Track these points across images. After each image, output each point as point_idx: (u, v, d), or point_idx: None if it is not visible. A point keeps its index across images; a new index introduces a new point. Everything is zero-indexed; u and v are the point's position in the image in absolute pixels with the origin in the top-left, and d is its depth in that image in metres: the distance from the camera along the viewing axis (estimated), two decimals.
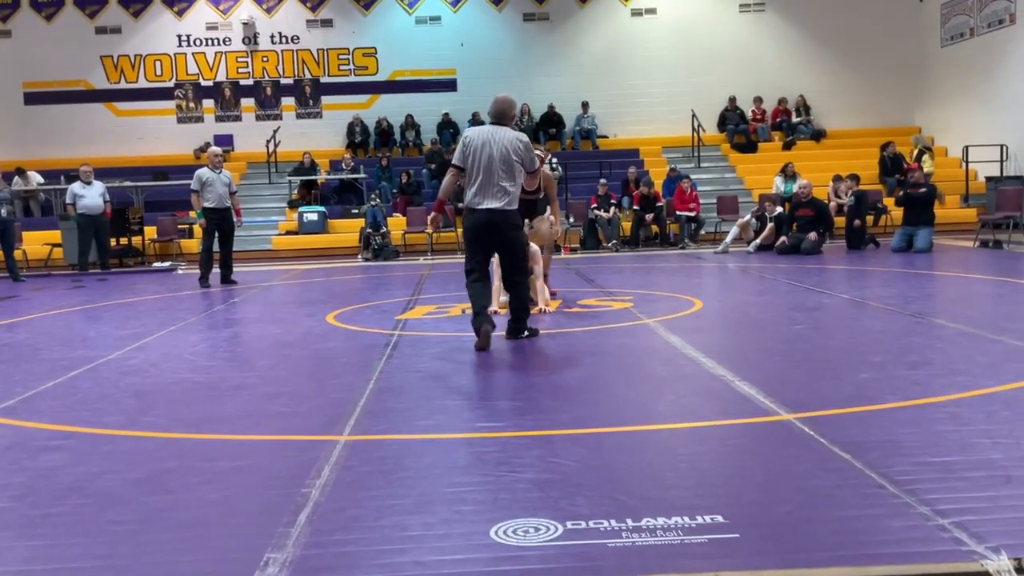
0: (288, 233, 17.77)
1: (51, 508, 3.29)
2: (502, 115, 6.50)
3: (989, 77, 18.41)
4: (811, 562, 2.59)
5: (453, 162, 6.47)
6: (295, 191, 18.95)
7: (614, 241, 16.08)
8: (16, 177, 18.10)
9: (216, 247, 12.06)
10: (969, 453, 3.53)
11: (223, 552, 2.82)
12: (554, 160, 18.61)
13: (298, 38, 21.27)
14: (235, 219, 12.21)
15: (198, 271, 12.25)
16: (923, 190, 13.53)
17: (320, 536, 2.90)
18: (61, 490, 3.48)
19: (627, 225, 16.62)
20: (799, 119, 20.78)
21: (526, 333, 6.63)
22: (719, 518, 2.91)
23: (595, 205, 16.43)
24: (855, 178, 15.31)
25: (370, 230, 16.39)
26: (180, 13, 21.04)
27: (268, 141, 19.69)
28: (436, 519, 3.02)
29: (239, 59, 21.26)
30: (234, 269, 12.32)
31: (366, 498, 3.24)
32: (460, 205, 17.40)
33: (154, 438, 4.24)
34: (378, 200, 17.13)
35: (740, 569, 2.57)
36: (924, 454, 3.54)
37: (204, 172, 11.87)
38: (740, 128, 20.71)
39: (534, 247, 8.13)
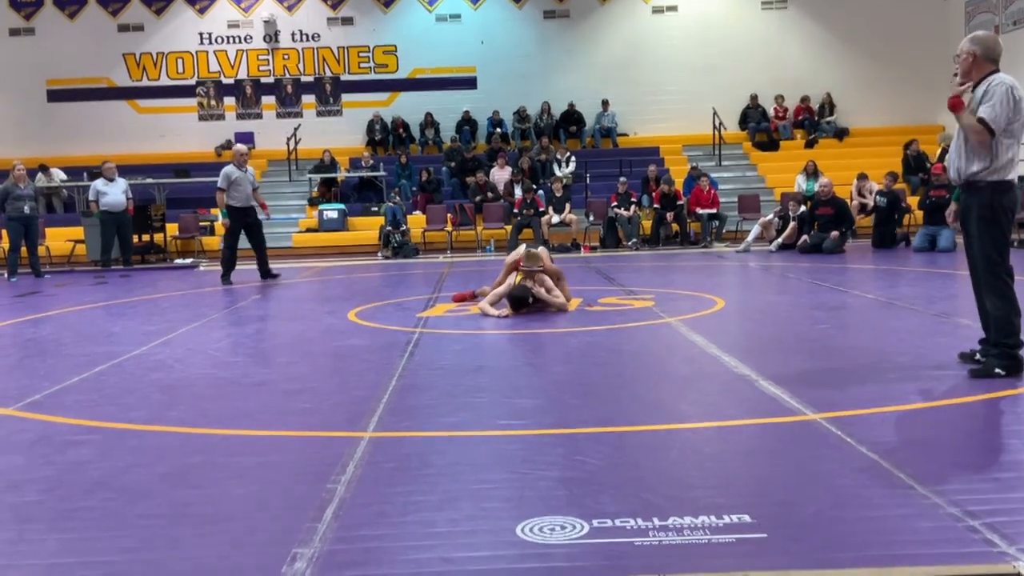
0: (308, 231, 17.82)
1: (80, 502, 3.31)
2: (999, 57, 5.03)
3: (1014, 75, 18.03)
4: (839, 563, 2.58)
5: (992, 128, 4.75)
6: (315, 189, 19.01)
7: (634, 240, 16.03)
8: (39, 174, 18.26)
9: (243, 244, 12.03)
10: (998, 454, 3.51)
11: (251, 547, 2.83)
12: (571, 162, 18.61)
13: (319, 36, 21.34)
14: (262, 213, 12.23)
15: (220, 269, 12.26)
16: (947, 195, 13.41)
17: (346, 532, 2.91)
18: (89, 484, 3.51)
19: (647, 224, 16.57)
20: (825, 118, 20.63)
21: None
22: (746, 518, 2.90)
23: (615, 203, 16.38)
24: (893, 176, 15.08)
25: (390, 228, 16.42)
26: (202, 11, 21.15)
27: (289, 139, 19.77)
28: (461, 516, 3.02)
29: (260, 57, 21.35)
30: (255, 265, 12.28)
31: (391, 494, 3.25)
32: (478, 199, 17.45)
33: (180, 433, 4.27)
34: (398, 198, 17.16)
35: (768, 569, 2.55)
36: (953, 454, 3.51)
37: (232, 170, 11.87)
38: (762, 126, 20.60)
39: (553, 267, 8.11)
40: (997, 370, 4.77)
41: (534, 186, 17.17)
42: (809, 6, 21.05)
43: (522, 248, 8.29)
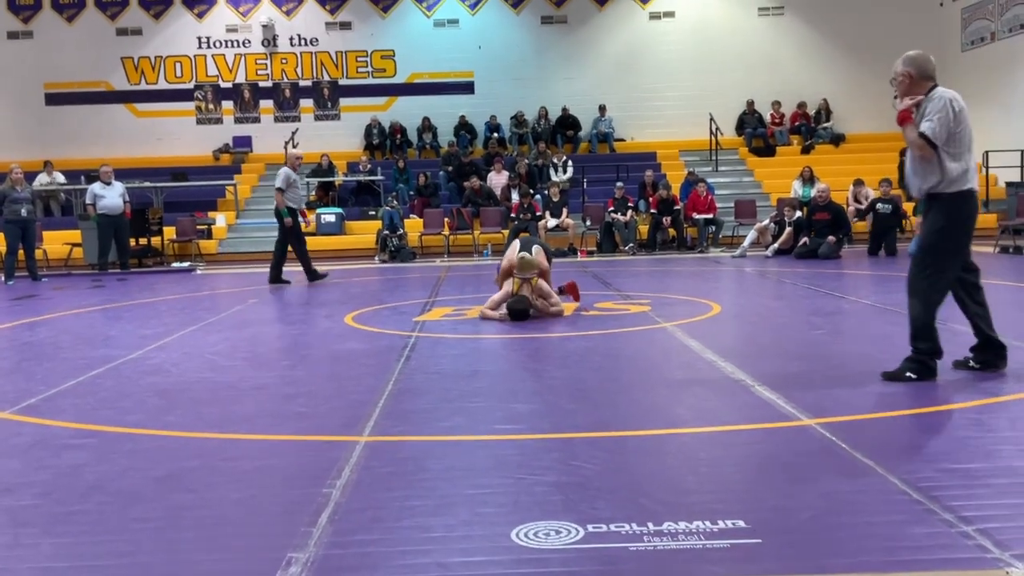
0: (306, 234, 17.78)
1: (75, 506, 3.31)
2: (934, 73, 4.97)
3: (1010, 82, 18.28)
4: (833, 568, 2.58)
5: (931, 140, 4.75)
6: (313, 192, 19.01)
7: (631, 244, 16.05)
8: (42, 174, 18.35)
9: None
10: (992, 460, 3.51)
11: (246, 551, 2.84)
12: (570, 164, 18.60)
13: (317, 40, 21.37)
14: (303, 220, 12.44)
15: (270, 269, 12.32)
16: None
17: (342, 536, 2.91)
18: (84, 488, 3.51)
19: (644, 228, 16.59)
20: (822, 124, 20.66)
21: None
22: (741, 523, 2.90)
23: (612, 208, 16.41)
24: (888, 182, 15.08)
25: (387, 232, 16.43)
26: (200, 15, 21.17)
27: (286, 143, 19.77)
28: (457, 521, 3.02)
29: (258, 61, 21.38)
30: (258, 270, 12.27)
31: (387, 499, 3.25)
32: (468, 203, 17.47)
33: (176, 437, 4.27)
34: (395, 202, 17.17)
35: (762, 574, 2.56)
36: (947, 460, 3.52)
37: (290, 172, 12.05)
38: (758, 132, 20.65)
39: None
40: (908, 374, 4.88)
41: (531, 191, 17.19)
42: (805, 13, 21.11)
43: (516, 247, 8.10)
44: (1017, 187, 16.56)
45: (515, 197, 17.28)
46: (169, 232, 17.12)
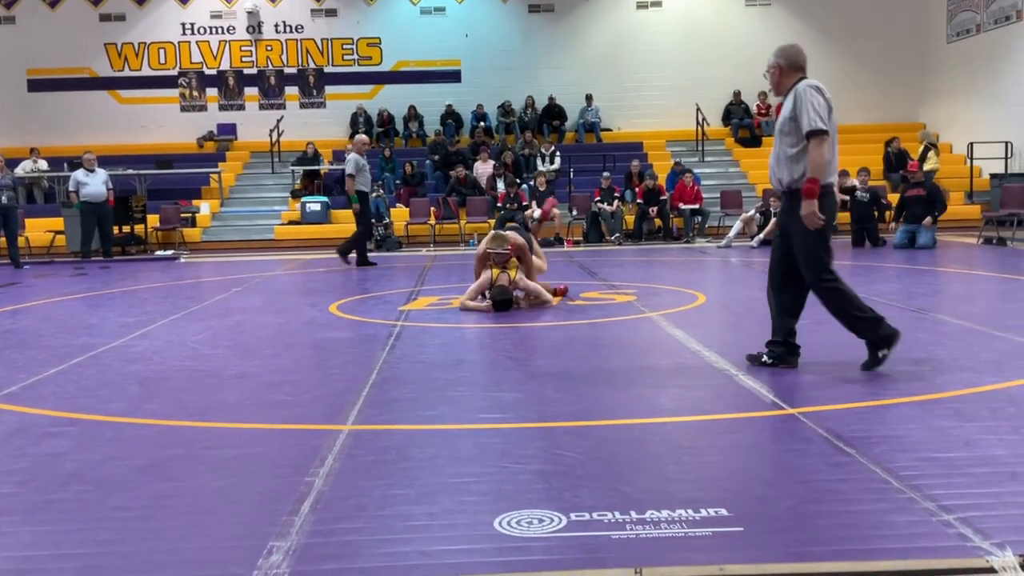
0: (291, 223, 17.75)
1: (54, 494, 3.29)
2: (804, 64, 5.15)
3: (995, 74, 18.35)
4: (815, 556, 2.59)
5: (822, 127, 4.95)
6: (298, 181, 18.93)
7: (617, 234, 16.06)
8: (27, 160, 18.21)
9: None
10: (973, 449, 3.53)
11: (227, 539, 2.82)
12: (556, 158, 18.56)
13: (302, 27, 21.23)
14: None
15: (351, 252, 12.75)
16: (924, 192, 13.45)
17: (324, 525, 2.90)
18: (64, 476, 3.48)
19: (630, 219, 16.60)
20: None
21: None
22: (723, 511, 2.91)
23: (598, 198, 16.41)
24: (866, 171, 15.13)
25: (373, 221, 16.36)
26: (184, 1, 20.99)
27: (271, 131, 19.67)
28: (440, 509, 3.02)
29: (243, 48, 21.22)
30: (242, 259, 12.23)
31: (370, 487, 3.24)
32: (454, 194, 17.44)
33: (157, 425, 4.24)
34: (381, 191, 17.11)
35: (744, 563, 2.56)
36: (928, 450, 3.53)
37: (358, 158, 12.11)
38: (744, 122, 20.67)
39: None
40: (879, 354, 4.93)
41: (517, 180, 17.15)
42: (792, 3, 21.12)
43: (490, 235, 8.09)
44: (1001, 179, 16.66)
45: (501, 187, 17.25)
46: (153, 220, 17.01)
